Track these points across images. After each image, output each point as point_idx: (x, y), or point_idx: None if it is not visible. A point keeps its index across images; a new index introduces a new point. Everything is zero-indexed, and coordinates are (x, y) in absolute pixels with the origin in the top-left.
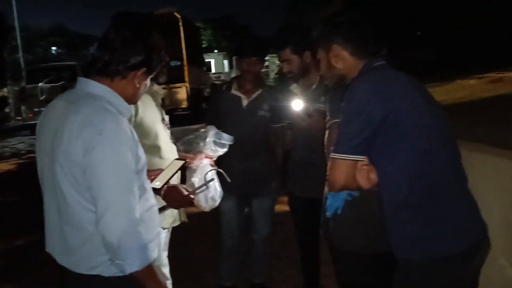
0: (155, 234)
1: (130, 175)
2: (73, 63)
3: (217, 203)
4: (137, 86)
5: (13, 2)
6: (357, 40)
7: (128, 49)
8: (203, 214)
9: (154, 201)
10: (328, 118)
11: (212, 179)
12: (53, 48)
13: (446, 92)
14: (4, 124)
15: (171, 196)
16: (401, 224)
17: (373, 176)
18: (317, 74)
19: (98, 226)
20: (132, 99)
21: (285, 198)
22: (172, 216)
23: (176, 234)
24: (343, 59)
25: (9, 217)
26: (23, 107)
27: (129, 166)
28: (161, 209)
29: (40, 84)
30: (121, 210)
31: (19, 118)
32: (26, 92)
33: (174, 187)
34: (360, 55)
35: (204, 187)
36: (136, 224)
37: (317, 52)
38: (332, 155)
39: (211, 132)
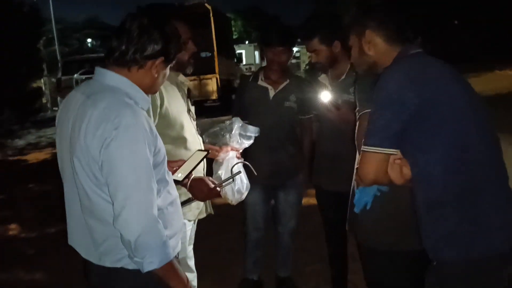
0: (179, 227)
1: (147, 171)
2: None
3: (244, 196)
4: (155, 76)
5: None
6: (392, 26)
7: (144, 37)
8: (229, 205)
9: (176, 193)
10: (357, 108)
11: (239, 172)
12: (88, 40)
13: (485, 83)
14: (40, 115)
15: (197, 189)
16: (435, 223)
17: (406, 170)
18: (347, 64)
19: (115, 223)
20: (150, 90)
21: (313, 191)
22: (198, 208)
23: (202, 225)
24: (375, 46)
25: (43, 206)
26: (59, 98)
27: (146, 161)
28: (186, 202)
29: (75, 75)
30: (139, 208)
31: (56, 108)
32: (62, 83)
33: (201, 180)
34: (394, 42)
35: (231, 180)
36: (155, 221)
37: (347, 41)
38: (363, 147)
39: (237, 124)
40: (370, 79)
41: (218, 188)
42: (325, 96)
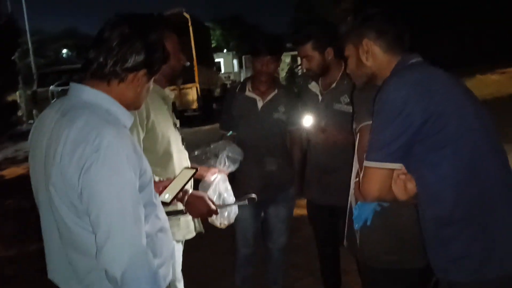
0: (170, 253)
1: (133, 196)
2: None
3: (232, 220)
4: (138, 90)
5: (24, 6)
6: (391, 34)
7: (125, 47)
8: None
9: (165, 217)
10: (357, 120)
11: (245, 203)
12: (64, 51)
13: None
14: (16, 128)
15: (196, 206)
16: (444, 242)
17: (411, 186)
18: (338, 72)
19: (98, 257)
20: (132, 105)
21: (302, 202)
22: (187, 228)
23: (189, 241)
24: (374, 56)
25: (22, 223)
26: (35, 111)
27: (132, 186)
28: (175, 213)
29: (51, 87)
30: (125, 239)
31: (32, 121)
32: (37, 95)
33: (201, 198)
34: (393, 51)
35: (232, 206)
36: (143, 252)
37: (340, 50)
38: (365, 163)
39: (224, 148)
40: (369, 89)
41: (218, 210)
42: (307, 121)
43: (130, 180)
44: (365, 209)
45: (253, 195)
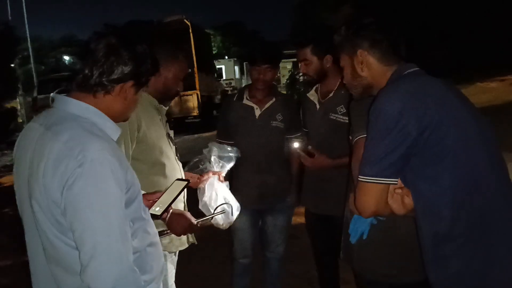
0: (160, 269)
1: (119, 212)
2: None
3: (234, 219)
4: (125, 101)
5: (25, 13)
6: (385, 43)
7: (112, 58)
8: (211, 229)
9: (155, 231)
10: (353, 132)
11: (223, 212)
12: (65, 57)
13: (468, 96)
14: (16, 135)
15: (177, 223)
16: (444, 258)
17: (408, 201)
18: (336, 81)
19: (83, 275)
20: (120, 117)
21: (301, 209)
22: (179, 239)
23: (184, 251)
24: (369, 66)
25: (19, 232)
26: (35, 117)
27: (117, 202)
28: (160, 234)
29: (51, 94)
30: (111, 257)
31: None
32: (37, 102)
33: (181, 214)
34: (388, 61)
35: (211, 217)
36: (130, 271)
37: (340, 58)
38: (360, 177)
39: (214, 149)
40: (365, 100)
41: (198, 224)
42: (296, 144)
43: (115, 195)
44: (362, 222)
45: (230, 202)
